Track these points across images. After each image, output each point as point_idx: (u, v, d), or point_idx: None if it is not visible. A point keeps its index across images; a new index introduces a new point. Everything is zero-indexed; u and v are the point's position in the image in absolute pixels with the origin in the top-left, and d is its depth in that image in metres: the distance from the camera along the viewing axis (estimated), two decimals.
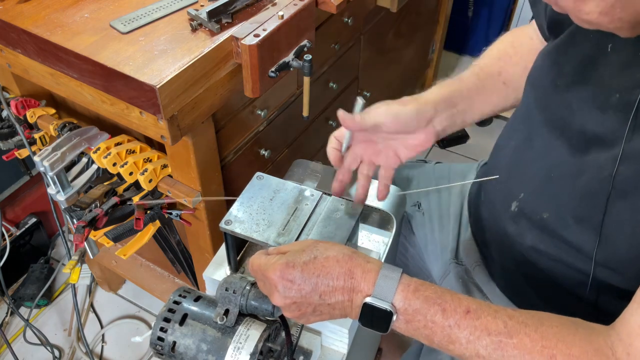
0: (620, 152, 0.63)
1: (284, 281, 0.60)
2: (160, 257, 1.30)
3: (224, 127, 1.04)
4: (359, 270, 0.60)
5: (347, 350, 0.76)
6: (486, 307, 0.58)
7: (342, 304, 0.61)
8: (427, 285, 0.60)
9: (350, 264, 0.60)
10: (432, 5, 1.87)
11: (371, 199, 0.79)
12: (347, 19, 1.25)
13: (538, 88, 0.75)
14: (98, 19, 0.92)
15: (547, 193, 0.74)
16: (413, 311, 0.58)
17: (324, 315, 0.63)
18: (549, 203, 0.73)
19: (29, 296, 1.61)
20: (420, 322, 0.58)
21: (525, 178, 0.77)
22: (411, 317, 0.59)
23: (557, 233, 0.72)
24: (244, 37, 0.87)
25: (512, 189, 0.79)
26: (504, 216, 0.81)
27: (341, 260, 0.60)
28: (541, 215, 0.74)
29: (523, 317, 0.57)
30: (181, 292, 0.67)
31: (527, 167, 0.77)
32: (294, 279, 0.59)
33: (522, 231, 0.78)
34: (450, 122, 0.79)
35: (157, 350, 0.65)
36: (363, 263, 0.60)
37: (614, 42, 0.64)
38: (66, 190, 1.06)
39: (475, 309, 0.58)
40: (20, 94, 1.11)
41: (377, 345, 1.33)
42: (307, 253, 0.61)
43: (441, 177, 1.05)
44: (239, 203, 0.76)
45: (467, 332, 0.57)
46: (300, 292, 0.60)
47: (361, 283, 0.59)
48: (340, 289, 0.60)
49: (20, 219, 1.67)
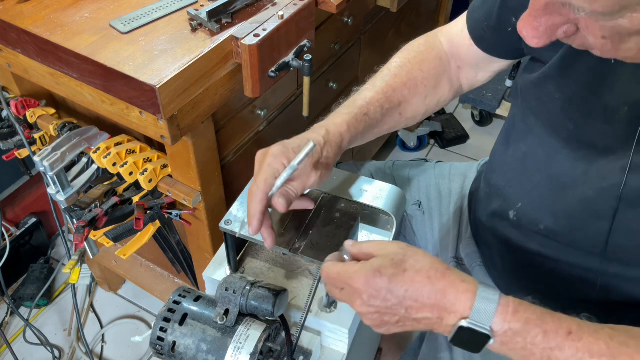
0: (629, 163, 0.62)
1: (370, 290, 0.57)
2: (160, 257, 1.30)
3: (224, 127, 1.04)
4: (452, 290, 0.57)
5: (347, 351, 0.76)
6: (586, 327, 0.56)
7: (429, 320, 0.58)
8: (526, 306, 0.57)
9: (443, 282, 0.57)
10: (432, 5, 1.87)
11: (371, 199, 0.79)
12: (347, 19, 1.25)
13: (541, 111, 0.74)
14: (98, 19, 0.92)
15: (547, 204, 0.73)
16: (512, 334, 0.56)
17: (406, 327, 0.60)
18: (548, 213, 0.73)
19: (29, 296, 1.61)
20: (519, 344, 0.56)
21: (525, 187, 0.77)
22: (509, 340, 0.56)
23: (563, 240, 0.72)
24: (244, 37, 0.87)
25: (510, 197, 0.79)
26: (504, 222, 0.81)
27: (433, 277, 0.57)
28: (538, 226, 0.74)
29: (623, 337, 0.55)
30: (181, 292, 0.67)
31: (528, 177, 0.76)
32: (380, 289, 0.57)
33: (525, 237, 0.77)
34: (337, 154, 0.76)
35: (157, 350, 0.65)
36: (458, 282, 0.57)
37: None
38: (66, 190, 1.06)
39: (576, 330, 0.55)
40: (20, 94, 1.11)
41: (377, 345, 1.33)
42: (397, 264, 0.58)
43: (442, 176, 1.05)
44: (239, 203, 0.76)
45: (569, 353, 0.55)
46: (385, 302, 0.57)
47: (455, 304, 0.57)
48: (429, 306, 0.57)
49: (20, 219, 1.67)
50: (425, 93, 0.87)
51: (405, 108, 0.85)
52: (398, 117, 0.85)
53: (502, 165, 0.83)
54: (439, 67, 0.88)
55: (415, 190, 1.04)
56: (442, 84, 0.88)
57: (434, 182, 1.05)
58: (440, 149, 2.21)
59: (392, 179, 1.06)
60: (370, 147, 1.89)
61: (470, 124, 2.30)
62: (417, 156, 2.17)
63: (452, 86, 0.90)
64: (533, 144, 0.76)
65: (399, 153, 2.18)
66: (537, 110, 0.75)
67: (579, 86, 0.67)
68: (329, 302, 0.74)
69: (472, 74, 0.90)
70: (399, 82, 0.84)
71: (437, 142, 2.23)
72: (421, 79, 0.86)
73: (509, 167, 0.81)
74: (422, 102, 0.87)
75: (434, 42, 0.90)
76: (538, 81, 0.72)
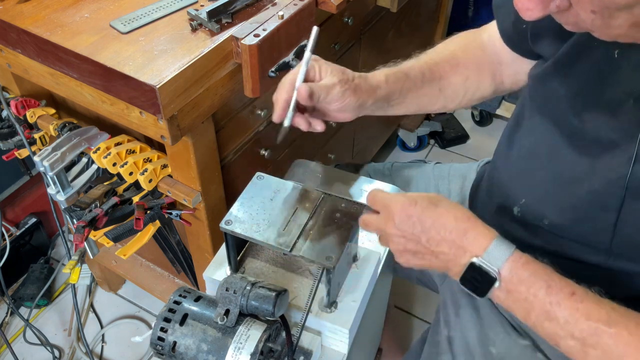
0: (634, 154, 0.62)
1: (403, 215, 0.64)
2: (160, 257, 1.30)
3: (224, 127, 1.04)
4: (473, 232, 0.62)
5: (347, 351, 0.76)
6: (592, 295, 0.59)
7: (445, 256, 0.63)
8: (538, 263, 0.61)
9: (467, 224, 0.63)
10: (432, 5, 1.87)
11: None
12: (347, 19, 1.25)
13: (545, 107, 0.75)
14: (98, 19, 0.92)
15: (552, 198, 0.74)
16: (518, 281, 0.59)
17: (424, 261, 0.66)
18: (553, 208, 0.73)
19: (29, 296, 1.61)
20: (522, 294, 0.59)
21: (529, 183, 0.77)
22: (514, 288, 0.59)
23: (568, 234, 0.72)
24: (244, 37, 0.87)
25: (514, 193, 0.79)
26: (507, 219, 0.81)
27: (459, 219, 0.63)
28: (542, 221, 0.74)
29: (628, 312, 0.57)
30: (181, 292, 0.67)
31: (534, 173, 0.77)
32: (412, 215, 0.64)
33: (529, 233, 0.78)
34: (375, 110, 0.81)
35: (157, 350, 0.65)
36: (480, 226, 0.63)
37: (620, 48, 0.63)
38: (66, 190, 1.06)
39: (581, 293, 0.58)
40: (20, 94, 1.11)
41: (377, 346, 1.33)
42: (432, 200, 0.65)
43: (441, 177, 1.05)
44: (239, 203, 0.76)
45: (567, 312, 0.57)
46: (412, 228, 0.64)
47: (473, 243, 0.61)
48: (448, 241, 0.62)
49: (20, 219, 1.67)
50: (466, 74, 0.87)
51: (445, 85, 0.86)
52: (437, 92, 0.86)
53: (505, 163, 0.83)
54: (481, 56, 0.88)
55: (414, 191, 1.05)
56: (483, 73, 0.89)
57: (433, 183, 1.05)
58: (440, 149, 2.21)
59: (391, 181, 1.06)
60: (370, 146, 1.90)
61: (470, 124, 2.30)
62: (417, 156, 2.17)
63: (494, 79, 0.90)
64: (537, 140, 0.76)
65: (399, 153, 2.18)
66: (541, 107, 0.75)
67: (583, 82, 0.67)
68: (329, 302, 0.74)
69: (512, 72, 0.89)
70: (441, 58, 0.86)
71: (437, 142, 2.23)
72: (463, 59, 0.87)
73: (513, 165, 0.81)
74: (462, 83, 0.87)
75: (477, 35, 0.91)
76: (542, 77, 0.73)
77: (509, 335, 0.84)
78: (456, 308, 0.90)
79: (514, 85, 0.91)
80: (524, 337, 0.83)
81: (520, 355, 0.82)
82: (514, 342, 0.83)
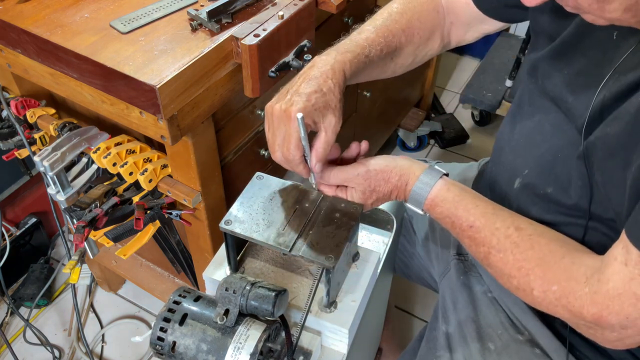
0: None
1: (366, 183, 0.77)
2: (160, 257, 1.30)
3: (224, 127, 1.04)
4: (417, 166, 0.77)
5: (347, 351, 0.76)
6: (491, 224, 0.70)
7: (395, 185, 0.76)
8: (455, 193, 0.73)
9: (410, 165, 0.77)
10: None
11: None
12: (347, 19, 1.25)
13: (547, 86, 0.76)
14: (98, 19, 0.92)
15: (552, 172, 0.75)
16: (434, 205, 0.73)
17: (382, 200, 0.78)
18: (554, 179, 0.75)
19: (29, 296, 1.61)
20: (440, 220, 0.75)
21: (532, 156, 0.78)
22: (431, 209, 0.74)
23: (562, 202, 0.73)
24: (244, 37, 0.87)
25: (517, 166, 0.80)
26: (507, 196, 0.81)
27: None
28: (545, 189, 0.75)
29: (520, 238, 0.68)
30: (181, 292, 0.67)
31: (535, 148, 0.78)
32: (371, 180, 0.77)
33: (526, 205, 0.78)
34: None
35: (157, 350, 0.65)
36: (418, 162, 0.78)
37: (619, 29, 0.64)
38: (66, 190, 1.06)
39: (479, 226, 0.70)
40: (20, 94, 1.11)
41: (377, 345, 1.33)
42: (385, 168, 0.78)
43: None
44: (238, 203, 0.76)
45: (467, 241, 0.72)
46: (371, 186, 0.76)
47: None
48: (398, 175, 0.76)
49: (20, 219, 1.68)
50: (418, 43, 0.88)
51: (398, 55, 0.87)
52: (389, 63, 0.87)
53: (509, 142, 0.84)
54: (435, 19, 0.89)
55: None
56: (434, 37, 0.90)
57: None
58: (440, 149, 2.21)
59: None
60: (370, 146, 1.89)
61: (470, 124, 2.30)
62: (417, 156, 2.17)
63: (442, 40, 0.92)
64: (540, 119, 0.77)
65: (399, 153, 2.18)
66: (544, 85, 0.76)
67: (586, 60, 0.69)
68: (328, 302, 0.74)
69: (462, 32, 0.92)
70: (399, 29, 0.85)
71: (437, 142, 2.23)
72: (418, 29, 0.87)
73: (517, 142, 0.82)
74: (412, 52, 0.89)
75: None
76: (549, 56, 0.74)
77: (507, 331, 0.84)
78: (454, 304, 0.90)
79: (458, 43, 0.94)
80: (521, 333, 0.83)
81: (517, 351, 0.82)
82: (512, 338, 0.83)
